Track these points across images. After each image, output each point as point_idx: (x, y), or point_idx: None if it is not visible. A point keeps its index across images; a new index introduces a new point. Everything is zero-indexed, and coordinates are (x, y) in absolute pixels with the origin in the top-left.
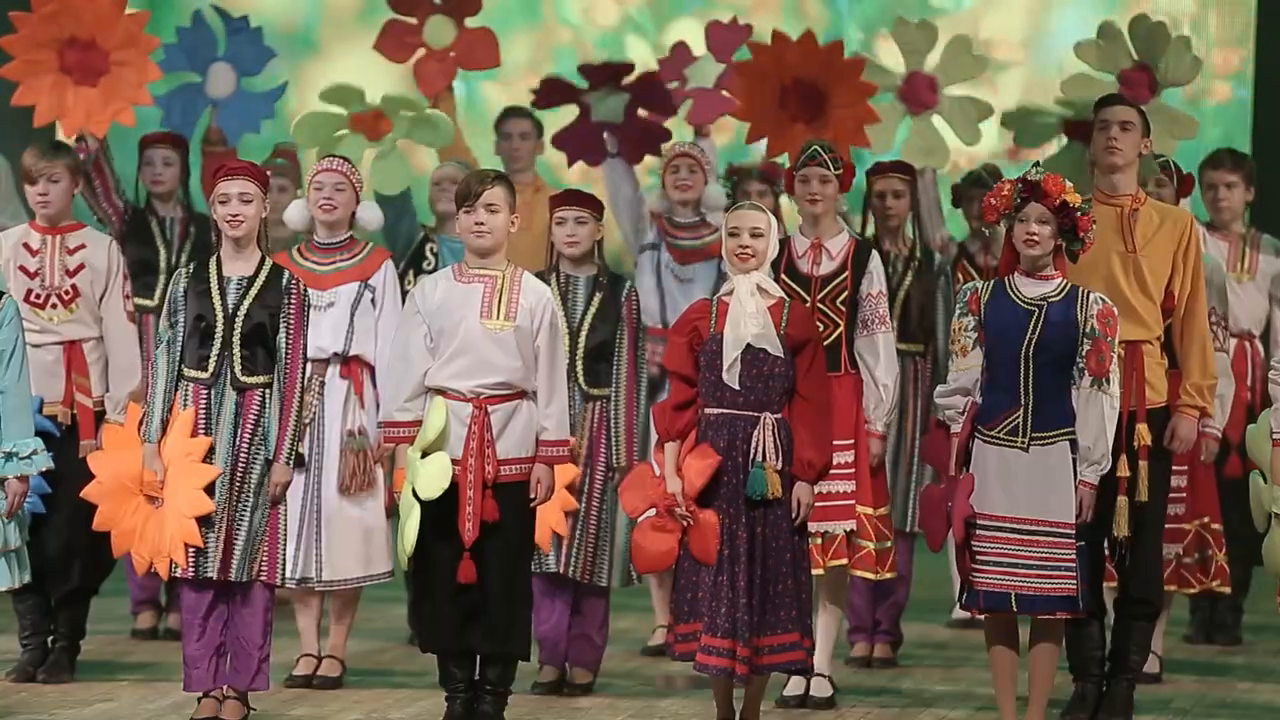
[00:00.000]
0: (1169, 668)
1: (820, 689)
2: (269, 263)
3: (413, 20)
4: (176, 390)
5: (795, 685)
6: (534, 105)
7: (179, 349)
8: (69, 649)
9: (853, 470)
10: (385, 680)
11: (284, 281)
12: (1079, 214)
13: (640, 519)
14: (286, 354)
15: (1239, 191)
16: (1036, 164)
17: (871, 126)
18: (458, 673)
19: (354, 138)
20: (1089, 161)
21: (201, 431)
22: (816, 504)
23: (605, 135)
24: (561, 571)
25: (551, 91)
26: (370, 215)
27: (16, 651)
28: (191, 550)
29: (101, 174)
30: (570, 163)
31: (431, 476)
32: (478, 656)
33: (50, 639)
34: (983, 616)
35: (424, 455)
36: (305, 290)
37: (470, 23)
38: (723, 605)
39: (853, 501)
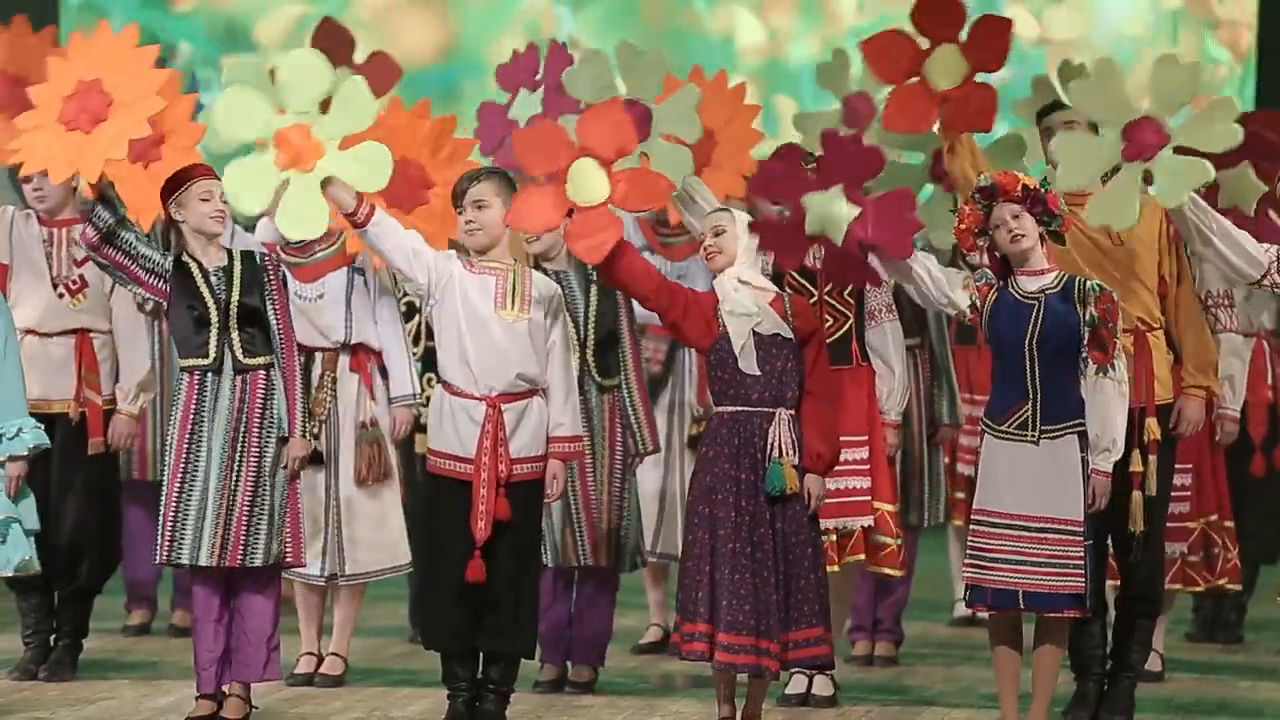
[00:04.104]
0: (1171, 666)
1: (822, 687)
2: (237, 253)
3: None
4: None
5: (797, 684)
6: None
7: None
8: (71, 647)
9: (868, 466)
10: (387, 678)
11: (259, 260)
12: (1045, 191)
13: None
14: (280, 331)
15: None
16: (983, 174)
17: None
18: (460, 671)
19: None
20: (1049, 163)
21: (193, 415)
22: (833, 500)
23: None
24: (603, 564)
25: None
26: None
27: (19, 650)
28: (214, 542)
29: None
30: None
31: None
32: (480, 655)
33: (53, 637)
34: (987, 615)
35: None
36: (280, 265)
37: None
38: (746, 603)
39: (869, 497)
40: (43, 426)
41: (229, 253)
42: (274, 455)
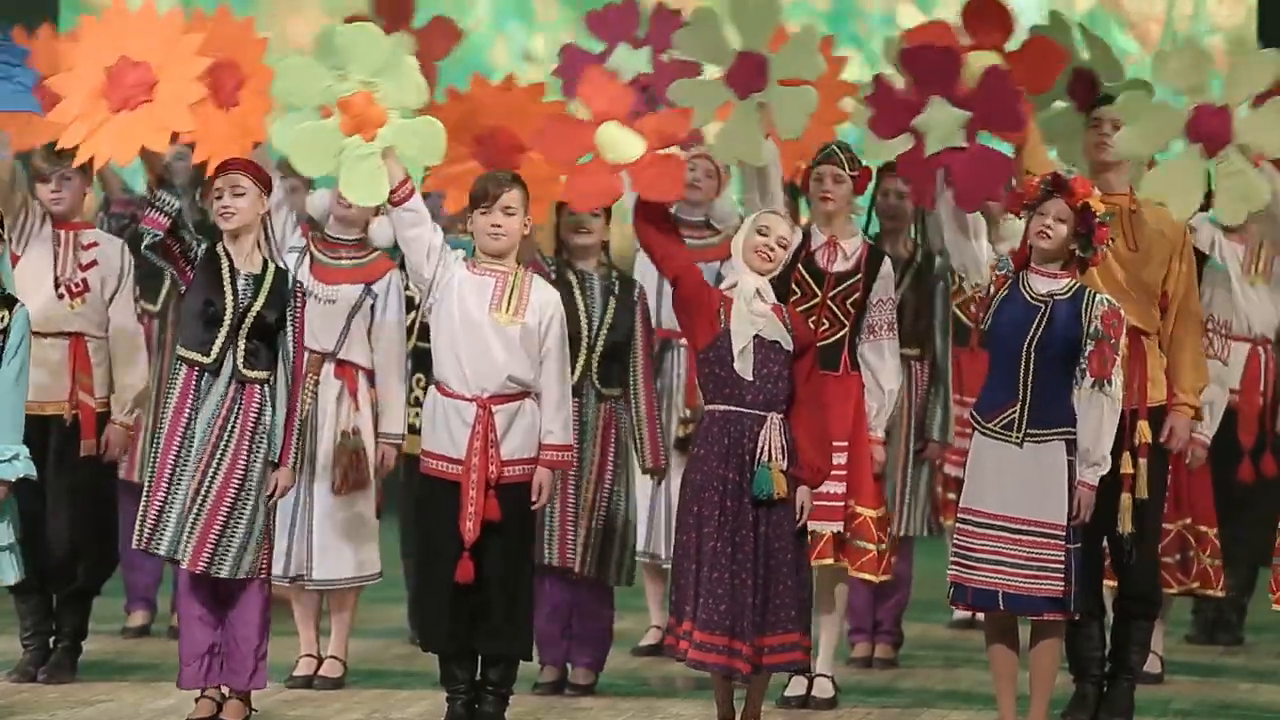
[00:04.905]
0: (1171, 669)
1: (822, 689)
2: (272, 265)
3: None
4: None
5: (797, 686)
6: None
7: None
8: (71, 649)
9: (844, 472)
10: (386, 680)
11: (289, 284)
12: (1098, 221)
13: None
14: (292, 357)
15: None
16: (1070, 169)
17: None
18: (459, 673)
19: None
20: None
21: (185, 422)
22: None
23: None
24: (576, 570)
25: None
26: (380, 232)
27: (18, 652)
28: (191, 547)
29: (106, 181)
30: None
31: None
32: (479, 656)
33: (52, 639)
34: (981, 616)
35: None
36: (305, 292)
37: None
38: (721, 603)
39: (842, 503)
40: (33, 460)
41: (265, 263)
42: (260, 474)
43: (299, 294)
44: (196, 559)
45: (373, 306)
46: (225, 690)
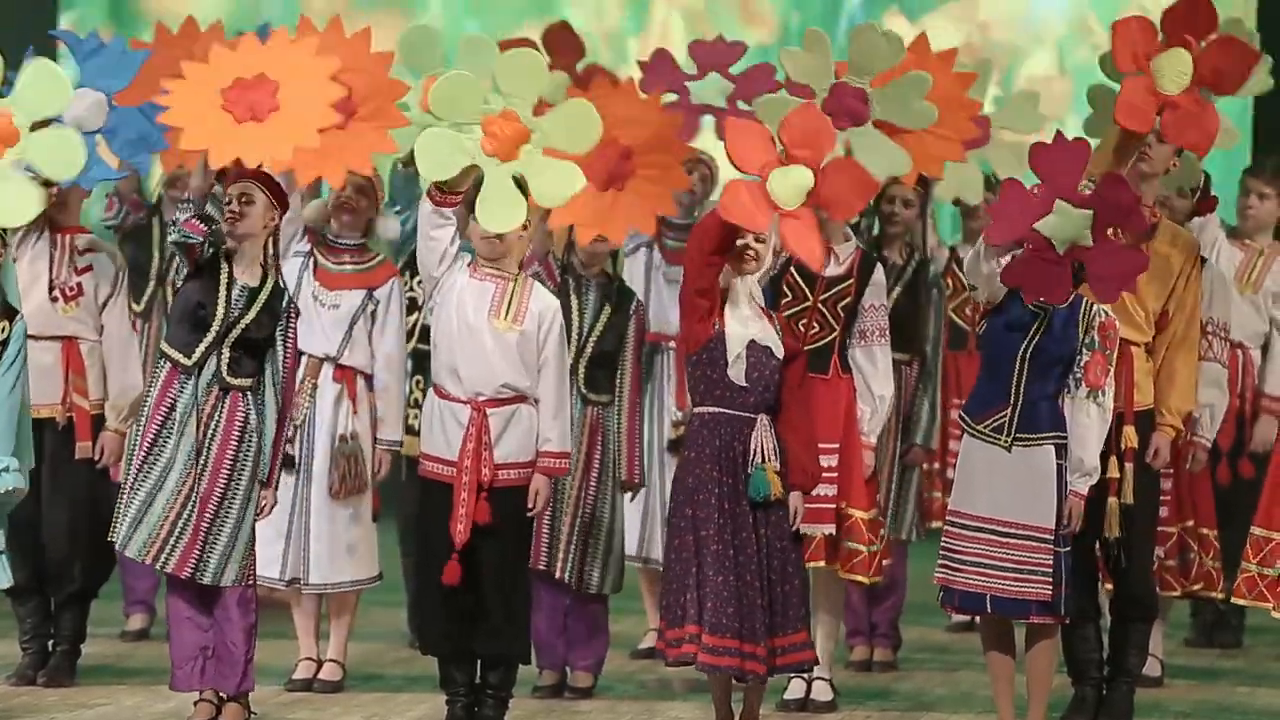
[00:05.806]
0: (1170, 671)
1: (821, 692)
2: (271, 280)
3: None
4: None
5: (796, 689)
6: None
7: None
8: (69, 652)
9: (835, 475)
10: (385, 684)
11: (283, 302)
12: None
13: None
14: (284, 374)
15: (1271, 205)
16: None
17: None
18: (458, 676)
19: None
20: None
21: (161, 417)
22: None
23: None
24: (556, 575)
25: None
26: (388, 226)
27: (16, 655)
28: (166, 545)
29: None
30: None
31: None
32: (478, 660)
33: (50, 642)
34: (976, 619)
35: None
36: (298, 312)
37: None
38: (729, 605)
39: (832, 505)
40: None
41: (265, 277)
42: (247, 485)
43: (292, 312)
44: (184, 564)
45: (374, 312)
46: (224, 693)
